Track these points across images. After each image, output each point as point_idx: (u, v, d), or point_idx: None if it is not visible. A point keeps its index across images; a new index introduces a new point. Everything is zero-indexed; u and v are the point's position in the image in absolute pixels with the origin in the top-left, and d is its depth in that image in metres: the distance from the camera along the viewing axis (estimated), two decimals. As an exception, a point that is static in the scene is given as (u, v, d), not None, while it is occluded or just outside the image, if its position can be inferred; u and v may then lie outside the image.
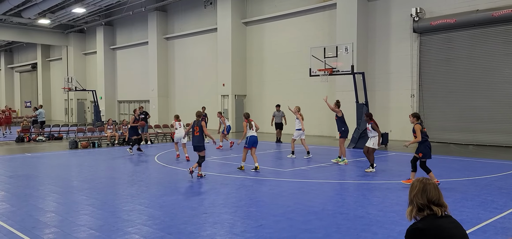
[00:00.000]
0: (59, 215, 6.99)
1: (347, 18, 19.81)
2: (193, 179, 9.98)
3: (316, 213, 6.86)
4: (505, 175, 10.17)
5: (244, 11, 26.02)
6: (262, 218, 6.60)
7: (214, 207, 7.35)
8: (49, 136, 21.45)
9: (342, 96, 20.04)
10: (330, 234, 5.80)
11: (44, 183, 9.86)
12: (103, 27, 36.39)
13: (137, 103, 34.39)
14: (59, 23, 36.31)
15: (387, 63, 19.59)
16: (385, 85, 19.69)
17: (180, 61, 30.77)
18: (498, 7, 16.06)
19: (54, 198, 8.26)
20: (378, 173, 10.94)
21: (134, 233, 5.93)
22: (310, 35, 22.16)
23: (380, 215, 6.73)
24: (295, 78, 23.06)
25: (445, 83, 17.96)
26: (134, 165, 12.96)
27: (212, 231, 5.99)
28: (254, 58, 25.78)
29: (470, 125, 17.28)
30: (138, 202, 7.82)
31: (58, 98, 44.13)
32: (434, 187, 2.80)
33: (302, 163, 12.57)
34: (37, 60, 46.74)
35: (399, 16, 18.96)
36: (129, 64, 35.77)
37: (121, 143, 18.72)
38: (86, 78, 40.28)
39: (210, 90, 27.76)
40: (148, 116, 19.90)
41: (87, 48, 40.67)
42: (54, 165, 13.03)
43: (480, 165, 11.85)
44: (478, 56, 17.02)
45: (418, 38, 18.56)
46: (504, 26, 16.24)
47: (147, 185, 9.55)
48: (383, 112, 19.66)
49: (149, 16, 31.53)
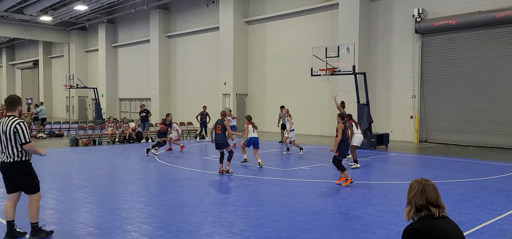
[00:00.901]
0: (58, 212, 7.00)
1: (349, 18, 19.78)
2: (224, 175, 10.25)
3: (316, 213, 6.86)
4: (505, 177, 10.15)
5: (246, 10, 26.01)
6: (261, 217, 6.60)
7: (214, 206, 7.35)
8: (50, 133, 21.49)
9: (344, 96, 20.04)
10: (329, 234, 5.80)
11: (44, 180, 9.85)
12: (105, 25, 36.42)
13: (139, 101, 34.44)
14: (61, 20, 36.37)
15: (388, 64, 19.57)
16: (386, 86, 19.67)
17: (182, 59, 30.78)
18: (500, 9, 16.02)
19: (53, 195, 8.27)
20: (378, 173, 10.94)
21: (133, 231, 5.94)
22: (312, 35, 22.13)
23: (379, 215, 6.72)
24: (296, 78, 23.05)
25: (446, 84, 17.93)
26: (134, 163, 12.97)
27: (211, 230, 5.99)
28: (255, 57, 25.78)
29: (471, 126, 17.25)
30: (138, 200, 7.82)
31: (60, 95, 44.20)
32: (433, 188, 2.80)
33: (302, 163, 12.57)
34: (38, 57, 46.80)
35: (401, 16, 18.93)
36: (130, 62, 35.80)
37: (122, 141, 18.75)
38: (87, 75, 40.33)
39: (211, 89, 27.77)
40: (149, 114, 19.93)
41: (89, 46, 40.71)
42: (54, 162, 13.05)
43: (480, 166, 11.83)
44: (480, 57, 16.99)
45: (420, 39, 18.53)
46: (506, 27, 16.20)
47: (147, 183, 9.56)
48: (384, 112, 19.65)
49: (151, 14, 31.54)
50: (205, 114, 19.46)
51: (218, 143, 10.49)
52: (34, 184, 5.54)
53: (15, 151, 5.34)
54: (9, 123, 5.33)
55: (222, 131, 10.45)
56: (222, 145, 10.47)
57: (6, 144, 5.34)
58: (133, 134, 19.06)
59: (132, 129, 19.17)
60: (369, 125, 16.36)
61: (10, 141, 5.31)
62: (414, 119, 18.69)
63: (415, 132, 18.62)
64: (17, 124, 5.31)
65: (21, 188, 5.53)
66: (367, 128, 16.30)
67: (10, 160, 5.35)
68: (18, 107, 5.53)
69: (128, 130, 19.03)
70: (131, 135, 18.98)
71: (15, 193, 5.55)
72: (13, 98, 5.53)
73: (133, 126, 19.44)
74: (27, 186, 5.50)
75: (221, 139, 10.46)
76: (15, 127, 5.29)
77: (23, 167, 5.42)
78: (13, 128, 5.29)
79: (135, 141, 18.94)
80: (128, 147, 17.17)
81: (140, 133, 19.37)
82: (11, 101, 5.49)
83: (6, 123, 5.35)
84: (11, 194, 5.53)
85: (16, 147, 5.33)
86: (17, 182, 5.48)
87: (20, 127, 5.30)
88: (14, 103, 5.51)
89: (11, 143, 5.32)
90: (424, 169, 11.85)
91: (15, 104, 5.51)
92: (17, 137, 5.30)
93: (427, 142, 18.48)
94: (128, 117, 28.81)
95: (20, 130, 5.29)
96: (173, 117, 29.94)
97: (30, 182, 5.50)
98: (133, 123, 20.42)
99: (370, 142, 16.12)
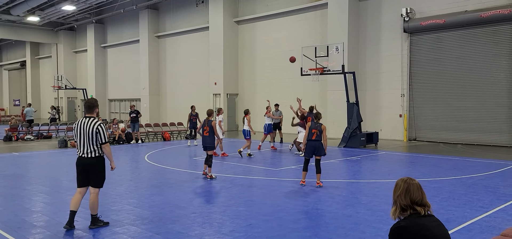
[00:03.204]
0: (46, 215, 6.93)
1: (338, 17, 19.89)
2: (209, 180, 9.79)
3: (306, 212, 6.89)
4: (492, 174, 10.30)
5: (236, 10, 25.99)
6: (252, 218, 6.60)
7: (203, 206, 7.34)
8: (38, 134, 21.23)
9: (333, 95, 20.19)
10: (319, 233, 5.83)
11: (32, 183, 9.76)
12: (94, 25, 36.08)
13: (128, 101, 34.20)
14: (48, 21, 35.91)
15: (377, 63, 19.72)
16: (375, 85, 19.82)
17: (172, 59, 30.64)
18: (487, 8, 16.25)
19: (41, 198, 8.17)
20: (367, 172, 11.02)
21: (122, 233, 5.90)
22: (301, 35, 22.21)
23: (368, 214, 6.77)
24: (286, 78, 23.10)
25: (435, 83, 18.13)
26: (124, 164, 12.88)
27: (201, 231, 5.98)
28: (246, 57, 25.78)
29: (459, 124, 17.47)
30: (127, 201, 7.77)
31: (48, 96, 43.65)
32: (417, 188, 2.84)
33: (292, 162, 12.61)
34: (26, 58, 46.18)
35: (390, 16, 19.09)
36: (120, 62, 35.53)
37: (111, 142, 18.60)
38: (76, 76, 39.89)
39: (202, 89, 27.69)
40: (139, 115, 19.77)
41: (78, 46, 40.29)
42: (42, 164, 12.90)
43: (467, 164, 11.99)
44: (467, 56, 17.21)
45: (408, 38, 18.71)
46: (492, 27, 16.43)
47: (136, 185, 9.51)
48: (373, 111, 19.80)
49: (140, 14, 31.34)
50: (194, 115, 18.97)
51: (205, 145, 10.12)
52: (101, 179, 6.16)
53: (95, 148, 5.96)
54: (91, 124, 5.94)
55: (210, 132, 10.08)
56: (208, 148, 10.06)
57: (87, 142, 5.93)
58: (122, 135, 18.93)
59: (121, 130, 19.03)
60: (358, 124, 16.47)
61: (90, 139, 5.92)
62: (403, 117, 18.87)
63: (404, 130, 18.80)
64: (99, 125, 5.96)
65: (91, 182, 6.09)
66: (357, 127, 16.41)
67: (91, 156, 5.96)
68: (96, 109, 6.18)
69: (118, 131, 18.89)
70: (121, 135, 18.85)
71: (84, 187, 6.14)
72: (91, 102, 6.19)
73: (122, 127, 19.29)
74: (96, 180, 6.08)
75: (209, 142, 10.08)
76: (97, 128, 5.94)
77: (102, 162, 6.09)
78: (95, 129, 5.92)
79: (125, 142, 18.81)
80: (118, 148, 17.04)
81: (130, 133, 19.24)
82: (90, 105, 6.13)
83: (88, 124, 5.95)
84: (82, 188, 6.13)
85: (96, 145, 5.96)
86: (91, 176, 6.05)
87: (101, 128, 5.97)
88: (92, 107, 6.13)
89: (92, 141, 5.93)
90: (413, 167, 11.97)
91: (93, 108, 6.13)
92: (98, 137, 5.95)
93: (416, 140, 18.66)
94: (118, 118, 28.61)
95: (101, 130, 5.95)
96: (164, 117, 29.89)
97: (102, 177, 6.13)
98: (122, 123, 20.27)
99: (360, 141, 16.23)
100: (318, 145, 8.87)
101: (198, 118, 18.03)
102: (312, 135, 8.91)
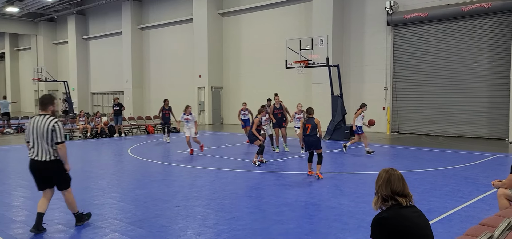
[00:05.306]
0: (26, 209, 6.78)
1: (323, 10, 19.92)
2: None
3: (289, 204, 6.91)
4: (472, 165, 10.52)
5: (221, 2, 25.77)
6: (236, 210, 6.59)
7: (187, 200, 7.29)
8: (17, 128, 20.75)
9: (318, 88, 20.27)
10: (302, 225, 5.85)
11: (11, 177, 9.54)
12: (75, 16, 35.31)
13: (111, 94, 33.69)
14: (28, 11, 34.99)
15: (361, 56, 19.86)
16: (359, 78, 19.97)
17: (155, 52, 30.27)
18: (468, 2, 16.50)
19: (21, 192, 8.00)
20: (350, 164, 11.12)
21: (104, 227, 5.82)
22: (286, 27, 22.18)
23: (351, 205, 6.83)
24: (271, 70, 23.08)
25: (417, 76, 18.38)
26: (106, 158, 12.70)
27: (184, 224, 5.94)
28: (230, 49, 25.63)
29: (441, 117, 17.77)
30: (110, 195, 7.67)
31: (28, 89, 42.67)
32: (398, 178, 2.86)
33: (276, 155, 12.64)
34: (4, 50, 45.00)
35: (374, 9, 19.21)
36: (102, 54, 34.91)
37: (94, 136, 18.31)
38: (57, 69, 39.06)
39: (186, 82, 27.45)
40: (122, 108, 19.49)
41: (58, 38, 39.41)
42: (22, 158, 12.60)
43: (449, 156, 12.22)
44: (449, 50, 17.48)
45: (392, 31, 18.88)
46: (473, 20, 16.71)
47: (119, 179, 9.38)
48: (357, 104, 19.80)
49: (123, 6, 30.80)
50: (167, 110, 17.08)
51: (309, 145, 9.21)
52: (67, 180, 5.79)
53: (51, 150, 5.51)
54: (46, 122, 5.47)
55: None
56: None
57: (41, 143, 5.48)
58: (105, 128, 18.64)
59: (104, 123, 18.73)
60: (342, 116, 16.60)
61: (46, 139, 5.46)
62: (387, 110, 19.09)
63: (387, 123, 19.03)
64: (55, 123, 5.48)
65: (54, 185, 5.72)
66: (341, 120, 16.53)
67: (46, 159, 5.50)
68: (50, 107, 5.68)
69: (100, 124, 18.60)
70: (103, 129, 18.57)
71: (49, 189, 5.73)
72: (46, 97, 5.75)
73: (105, 120, 18.99)
74: (60, 183, 5.72)
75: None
76: (53, 125, 5.46)
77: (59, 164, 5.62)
78: (51, 126, 5.45)
79: (108, 135, 18.54)
80: (101, 142, 16.79)
81: (113, 127, 18.96)
82: (43, 101, 5.66)
83: (42, 121, 5.47)
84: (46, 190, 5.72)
85: (51, 146, 5.49)
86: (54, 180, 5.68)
87: (58, 126, 5.49)
88: (46, 103, 5.65)
89: (47, 141, 5.47)
90: (395, 159, 12.14)
91: (46, 104, 5.64)
92: (54, 135, 5.47)
93: (399, 132, 18.92)
94: (101, 112, 28.14)
95: (57, 128, 5.47)
96: (147, 111, 29.53)
97: (66, 177, 5.77)
98: (105, 117, 19.95)
99: (344, 133, 16.35)
100: (313, 140, 9.05)
101: (172, 112, 17.28)
102: (306, 130, 9.07)
